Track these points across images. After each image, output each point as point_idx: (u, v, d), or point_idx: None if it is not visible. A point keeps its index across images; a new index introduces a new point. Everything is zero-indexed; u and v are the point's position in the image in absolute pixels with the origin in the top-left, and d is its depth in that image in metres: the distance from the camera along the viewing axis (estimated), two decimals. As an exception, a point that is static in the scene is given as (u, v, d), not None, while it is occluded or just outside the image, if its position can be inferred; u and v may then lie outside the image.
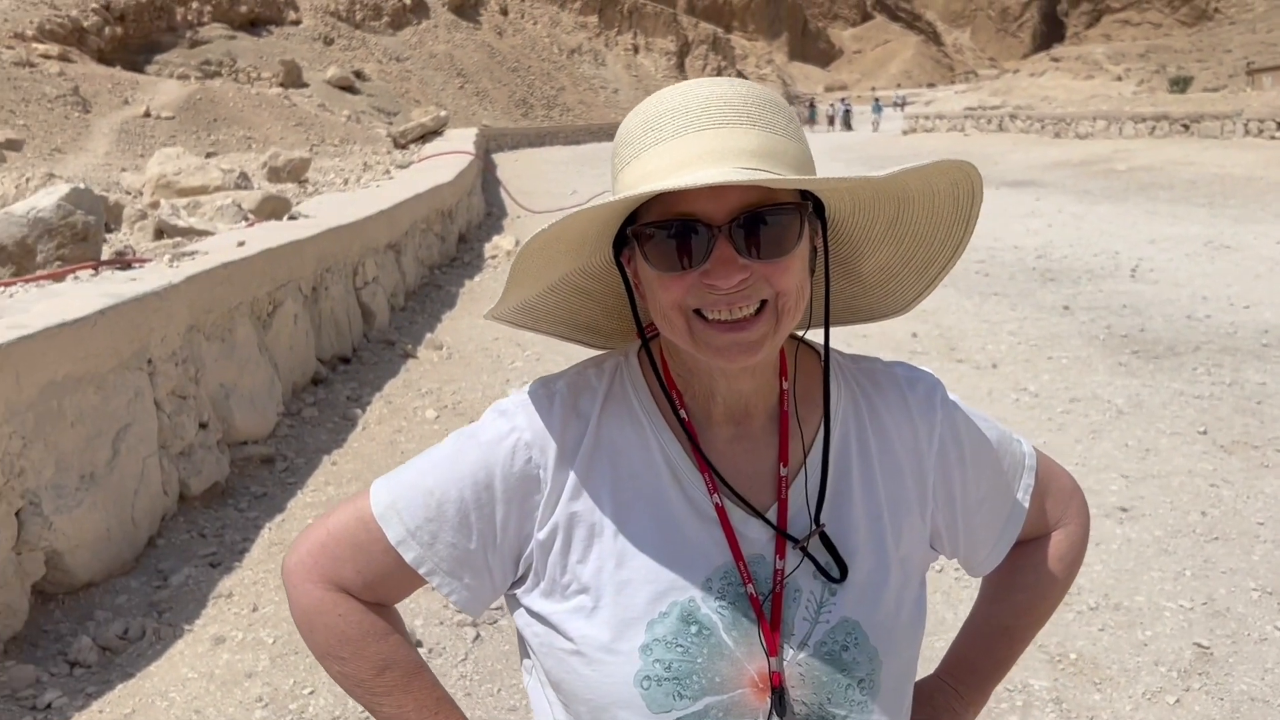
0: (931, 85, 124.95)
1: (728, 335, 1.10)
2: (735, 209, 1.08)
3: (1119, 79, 68.37)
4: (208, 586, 4.30)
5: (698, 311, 1.11)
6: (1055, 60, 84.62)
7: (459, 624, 4.02)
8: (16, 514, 3.74)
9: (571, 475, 1.20)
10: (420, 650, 3.80)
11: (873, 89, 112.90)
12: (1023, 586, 1.42)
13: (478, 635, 3.96)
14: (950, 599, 4.17)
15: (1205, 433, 6.07)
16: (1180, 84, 56.84)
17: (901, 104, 74.39)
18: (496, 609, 4.12)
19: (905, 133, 43.52)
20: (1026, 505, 1.35)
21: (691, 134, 1.09)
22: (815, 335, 1.29)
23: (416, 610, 4.10)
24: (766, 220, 1.08)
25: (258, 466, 5.61)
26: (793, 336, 1.29)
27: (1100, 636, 3.92)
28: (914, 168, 1.10)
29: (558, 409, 1.22)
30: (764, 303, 1.11)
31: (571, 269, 1.26)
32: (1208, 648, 3.80)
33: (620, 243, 1.20)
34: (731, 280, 1.08)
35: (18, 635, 3.74)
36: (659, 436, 1.22)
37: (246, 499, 5.24)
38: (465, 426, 1.25)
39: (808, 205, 1.14)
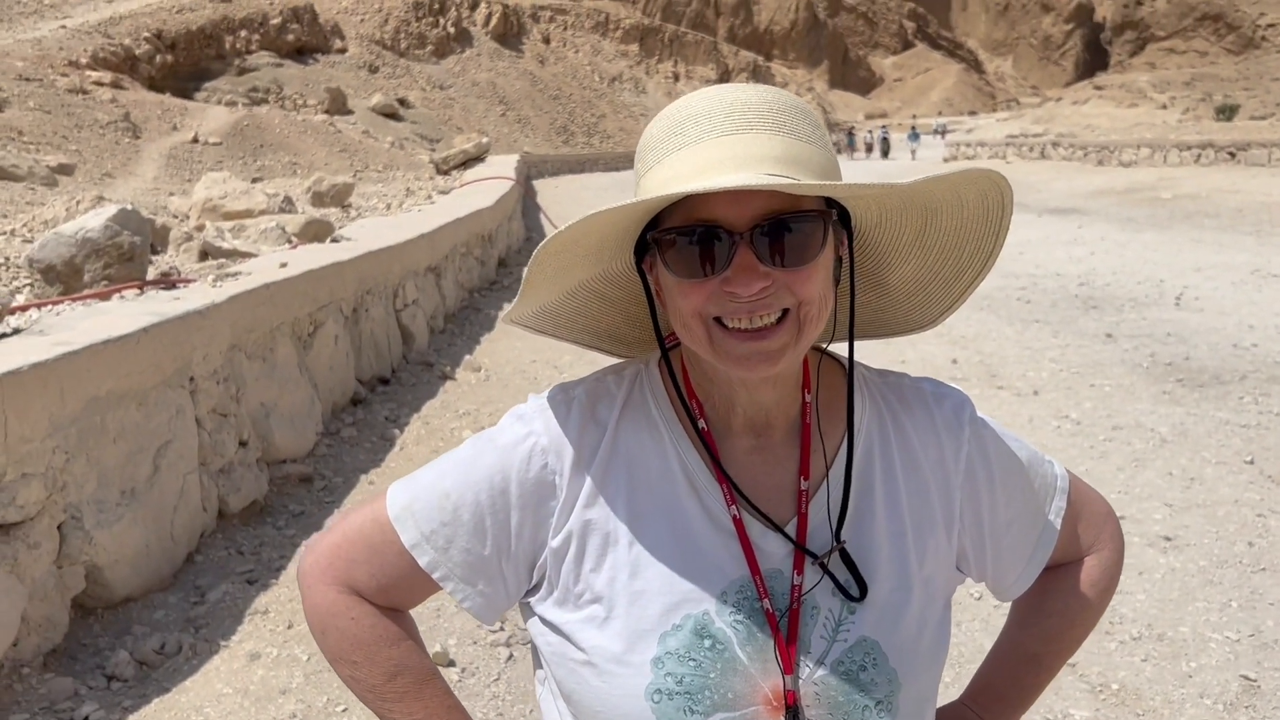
0: (973, 113, 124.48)
1: (748, 344, 1.08)
2: (757, 215, 1.06)
3: (1164, 107, 67.70)
4: (244, 603, 4.33)
5: (718, 320, 1.09)
6: (1099, 88, 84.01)
7: (492, 644, 4.02)
8: (58, 528, 3.79)
9: (587, 482, 1.18)
10: (453, 670, 3.80)
11: (913, 117, 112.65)
12: (1052, 612, 1.37)
13: (510, 655, 3.95)
14: (990, 627, 4.11)
15: (1252, 462, 5.95)
16: (1227, 112, 56.18)
17: (942, 132, 74.17)
18: (526, 628, 4.10)
19: (946, 160, 43.37)
20: (1057, 528, 1.30)
21: (715, 139, 1.07)
22: (841, 348, 1.27)
23: (450, 630, 4.10)
24: (789, 227, 1.06)
25: (296, 485, 5.65)
26: (817, 349, 1.26)
27: (1143, 667, 3.84)
28: (939, 176, 1.08)
29: (575, 415, 1.20)
30: (785, 312, 1.09)
31: (592, 274, 1.25)
32: (1255, 680, 3.71)
33: (641, 249, 1.18)
34: (752, 288, 1.06)
35: (57, 648, 3.78)
36: (677, 445, 1.20)
37: (284, 517, 5.28)
38: (484, 430, 1.24)
39: (832, 214, 1.12)
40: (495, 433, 1.22)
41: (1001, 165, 37.23)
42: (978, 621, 4.13)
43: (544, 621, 1.20)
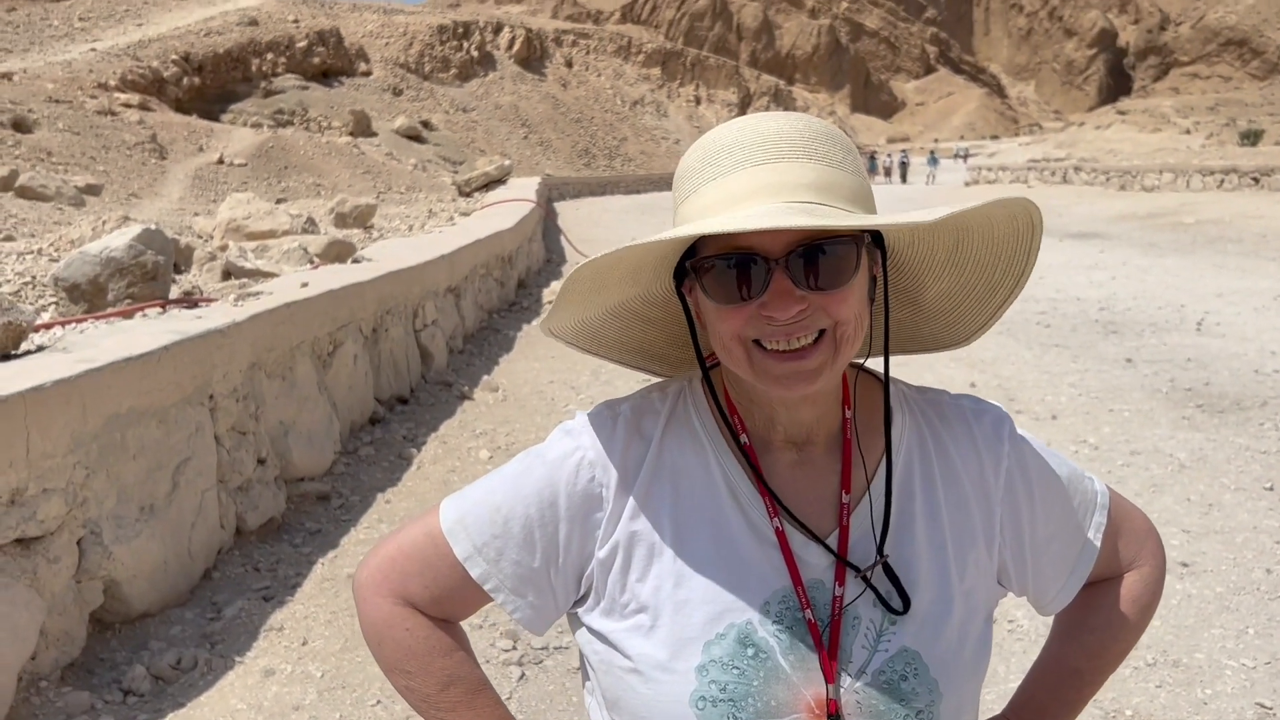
0: (995, 137, 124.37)
1: (786, 364, 1.11)
2: (792, 241, 1.09)
3: (1187, 132, 67.49)
4: (260, 619, 4.36)
5: (757, 342, 1.12)
6: (1121, 113, 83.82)
7: (504, 663, 4.03)
8: (78, 543, 3.84)
9: (633, 495, 1.21)
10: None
11: (935, 141, 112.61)
12: (1094, 628, 1.39)
13: (523, 675, 3.97)
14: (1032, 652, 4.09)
15: (1271, 489, 5.91)
16: (1251, 137, 55.93)
17: (964, 156, 74.10)
18: (541, 649, 4.12)
19: (968, 184, 43.32)
20: (1098, 544, 1.32)
21: (749, 169, 1.11)
22: (878, 364, 1.30)
23: (463, 648, 4.12)
24: (824, 251, 1.09)
25: (313, 503, 5.69)
26: (854, 365, 1.29)
27: (1158, 694, 3.81)
28: (969, 209, 1.10)
29: (621, 430, 1.24)
30: (822, 332, 1.12)
31: (631, 295, 1.29)
32: (1270, 708, 3.68)
33: (680, 273, 1.22)
34: (789, 311, 1.09)
35: (74, 662, 3.82)
36: (720, 459, 1.23)
37: (301, 535, 5.32)
38: (534, 446, 1.28)
39: (865, 237, 1.15)
40: (544, 448, 1.26)
41: (1023, 189, 37.16)
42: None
43: (591, 631, 1.24)
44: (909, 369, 8.87)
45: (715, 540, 1.20)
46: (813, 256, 1.09)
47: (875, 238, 1.18)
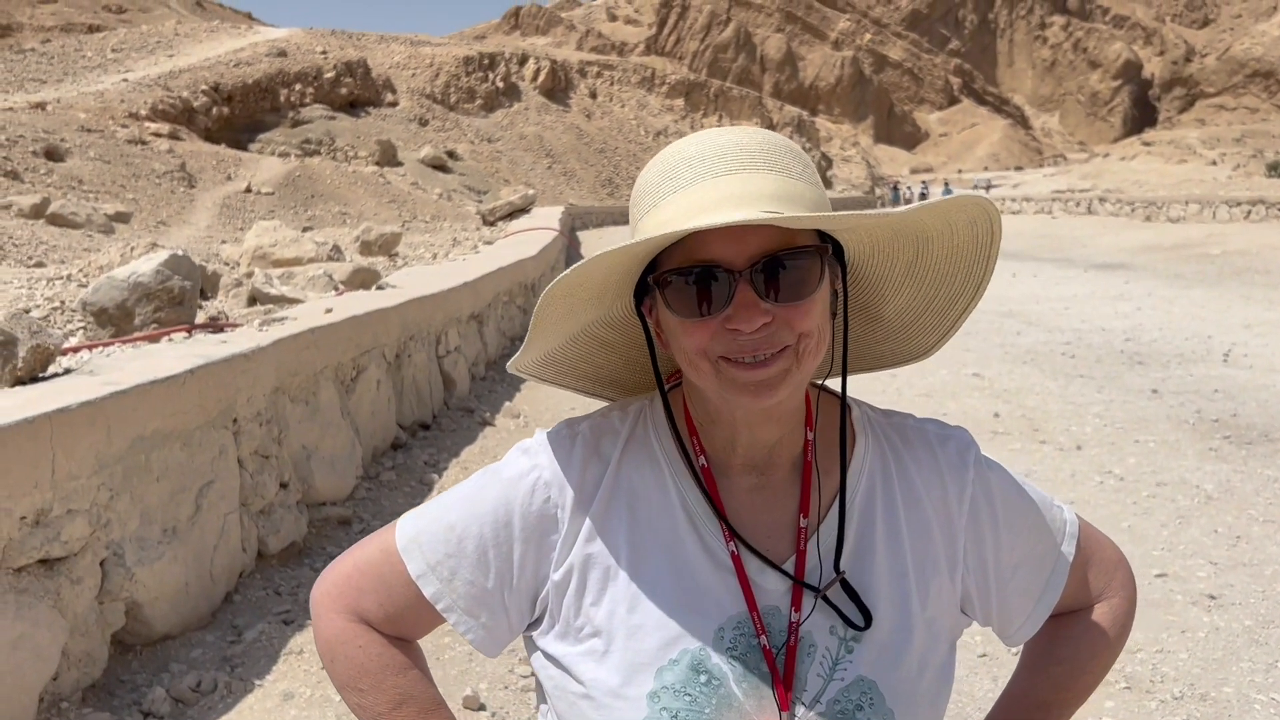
0: (1019, 168, 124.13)
1: (751, 373, 1.10)
2: (755, 254, 1.08)
3: (1214, 163, 67.15)
4: (280, 643, 4.37)
5: (723, 357, 1.11)
6: (1147, 144, 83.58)
7: (523, 689, 4.02)
8: (101, 564, 3.86)
9: (589, 516, 1.19)
10: (484, 714, 3.80)
11: (959, 171, 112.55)
12: (1062, 659, 1.36)
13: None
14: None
15: (1301, 521, 5.83)
16: (1278, 168, 55.58)
17: (986, 186, 74.01)
18: (561, 675, 4.10)
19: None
20: (1065, 574, 1.29)
21: (709, 180, 1.10)
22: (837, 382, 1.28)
23: (482, 674, 4.11)
24: (786, 264, 1.09)
25: (335, 527, 5.70)
26: (818, 386, 1.28)
27: (1185, 728, 3.75)
28: (929, 203, 1.11)
29: (579, 450, 1.22)
30: (785, 346, 1.11)
31: (593, 319, 1.27)
32: (1301, 744, 3.62)
33: (641, 292, 1.20)
34: (754, 324, 1.08)
35: (96, 683, 3.83)
36: (678, 482, 1.21)
37: (322, 559, 5.32)
38: (491, 464, 1.27)
39: (827, 248, 1.14)
40: (500, 466, 1.24)
41: (1047, 220, 37.05)
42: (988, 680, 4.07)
43: (545, 655, 1.22)
44: (932, 399, 8.83)
45: (671, 564, 1.18)
46: (775, 269, 1.08)
47: (836, 251, 1.18)
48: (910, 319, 1.30)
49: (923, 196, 57.17)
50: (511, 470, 1.22)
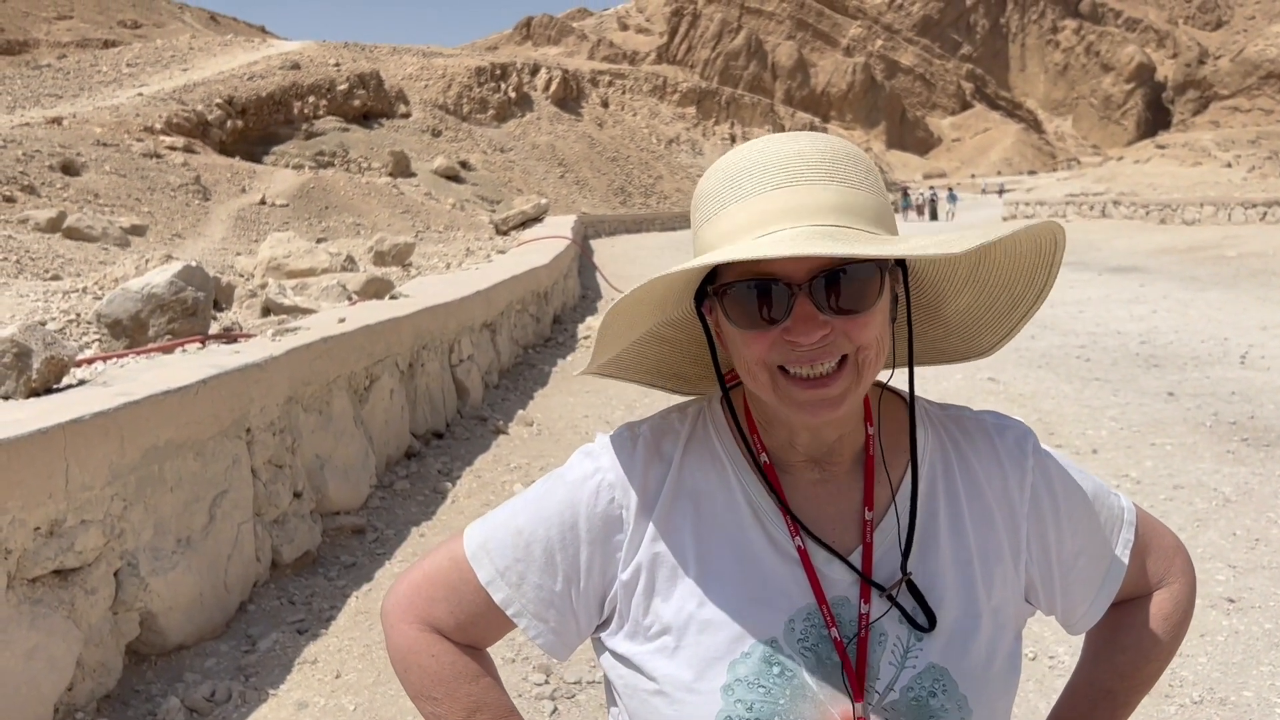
0: (1033, 172, 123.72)
1: (810, 391, 1.11)
2: (815, 267, 1.09)
3: (1228, 165, 66.74)
4: (294, 652, 4.37)
5: (781, 367, 1.12)
6: (1161, 147, 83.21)
7: (537, 698, 4.01)
8: (115, 574, 3.87)
9: (654, 516, 1.21)
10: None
11: (972, 176, 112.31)
12: (1124, 647, 1.37)
13: (555, 709, 3.94)
14: (1044, 688, 4.01)
15: (1321, 523, 5.78)
16: (1294, 170, 55.22)
17: (1000, 191, 73.88)
18: (574, 683, 4.10)
19: (1005, 219, 43.11)
20: (1126, 561, 1.30)
21: (770, 191, 1.10)
22: (901, 380, 1.29)
23: (495, 682, 4.10)
24: (846, 276, 1.09)
25: (349, 536, 5.71)
26: (877, 384, 1.28)
27: (1204, 732, 3.72)
28: (996, 238, 1.09)
29: (641, 451, 1.24)
30: (844, 357, 1.11)
31: (655, 322, 1.29)
32: (1323, 748, 3.58)
33: (701, 294, 1.22)
34: (813, 336, 1.09)
35: (110, 694, 3.84)
36: (741, 478, 1.22)
37: (336, 568, 5.33)
38: (555, 469, 1.28)
39: (888, 260, 1.14)
40: (564, 470, 1.26)
41: (1061, 224, 36.91)
42: (1031, 682, 4.04)
43: (615, 655, 1.23)
44: (945, 399, 8.78)
45: (738, 559, 1.19)
46: (835, 281, 1.09)
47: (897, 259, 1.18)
48: (971, 319, 1.31)
49: (932, 202, 57.29)
50: (575, 473, 1.24)
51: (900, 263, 1.19)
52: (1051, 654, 4.26)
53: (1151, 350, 11.85)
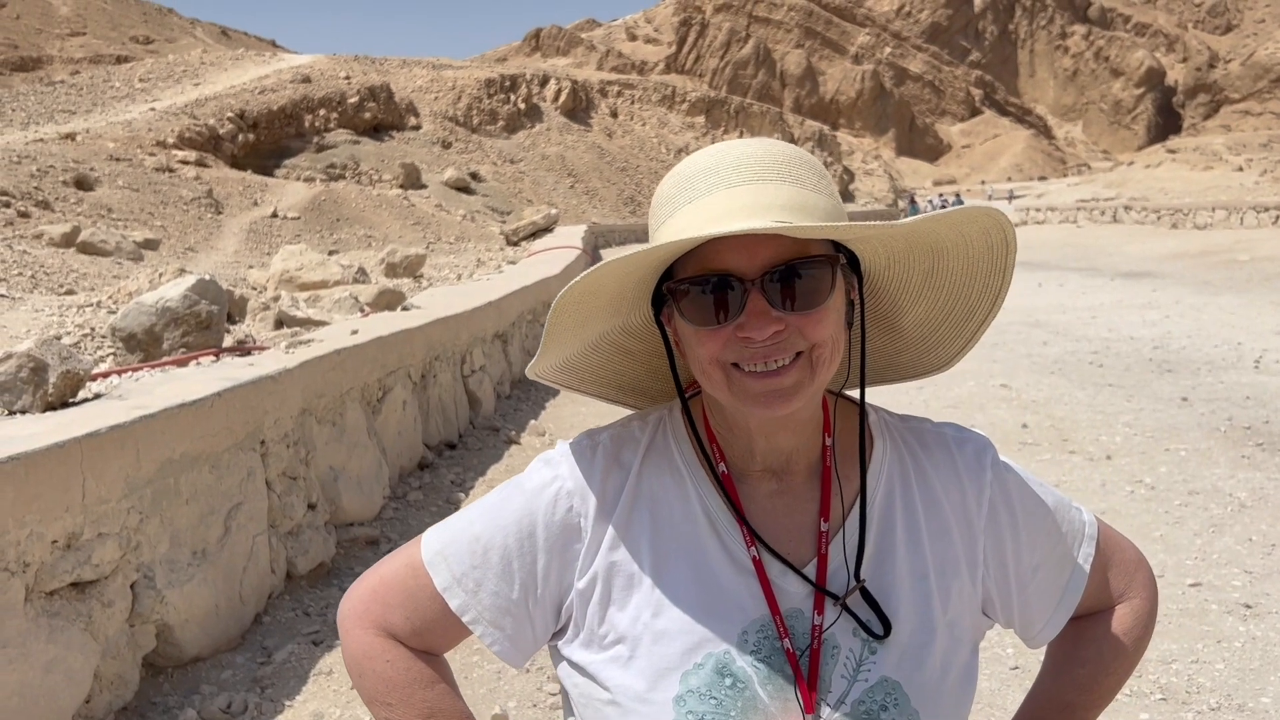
0: (1043, 178, 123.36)
1: (763, 382, 1.12)
2: (767, 263, 1.10)
3: (1240, 169, 66.47)
4: (309, 664, 4.38)
5: (735, 364, 1.13)
6: (1172, 151, 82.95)
7: (552, 706, 4.01)
8: (131, 587, 3.89)
9: (612, 524, 1.21)
10: (512, 732, 3.80)
11: (982, 182, 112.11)
12: (1085, 661, 1.36)
13: (570, 719, 3.94)
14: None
15: (1337, 528, 5.75)
16: (1306, 173, 54.91)
17: (1009, 196, 73.74)
18: (589, 692, 4.09)
19: (1016, 225, 43.00)
20: (1086, 574, 1.30)
21: (722, 190, 1.12)
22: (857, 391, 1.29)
23: (511, 692, 4.10)
24: (799, 273, 1.10)
25: (363, 547, 5.73)
26: (834, 393, 1.29)
27: (1222, 739, 3.70)
28: (937, 214, 1.11)
29: (600, 459, 1.24)
30: (799, 354, 1.12)
31: (612, 326, 1.29)
32: (1342, 754, 3.56)
33: (659, 302, 1.22)
34: (765, 332, 1.10)
35: (127, 706, 3.86)
36: (699, 488, 1.22)
37: (351, 579, 5.34)
38: (514, 476, 1.28)
39: (840, 258, 1.15)
40: (523, 478, 1.26)
41: (1073, 230, 36.81)
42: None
43: (571, 664, 1.23)
44: (962, 411, 8.78)
45: (694, 570, 1.19)
46: (789, 277, 1.10)
47: (852, 262, 1.19)
48: (928, 330, 1.31)
49: (941, 209, 57.29)
50: (534, 481, 1.24)
51: (856, 270, 1.20)
52: (1015, 665, 4.24)
53: (1165, 356, 11.81)
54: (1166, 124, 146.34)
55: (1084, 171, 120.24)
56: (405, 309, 9.13)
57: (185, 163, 29.65)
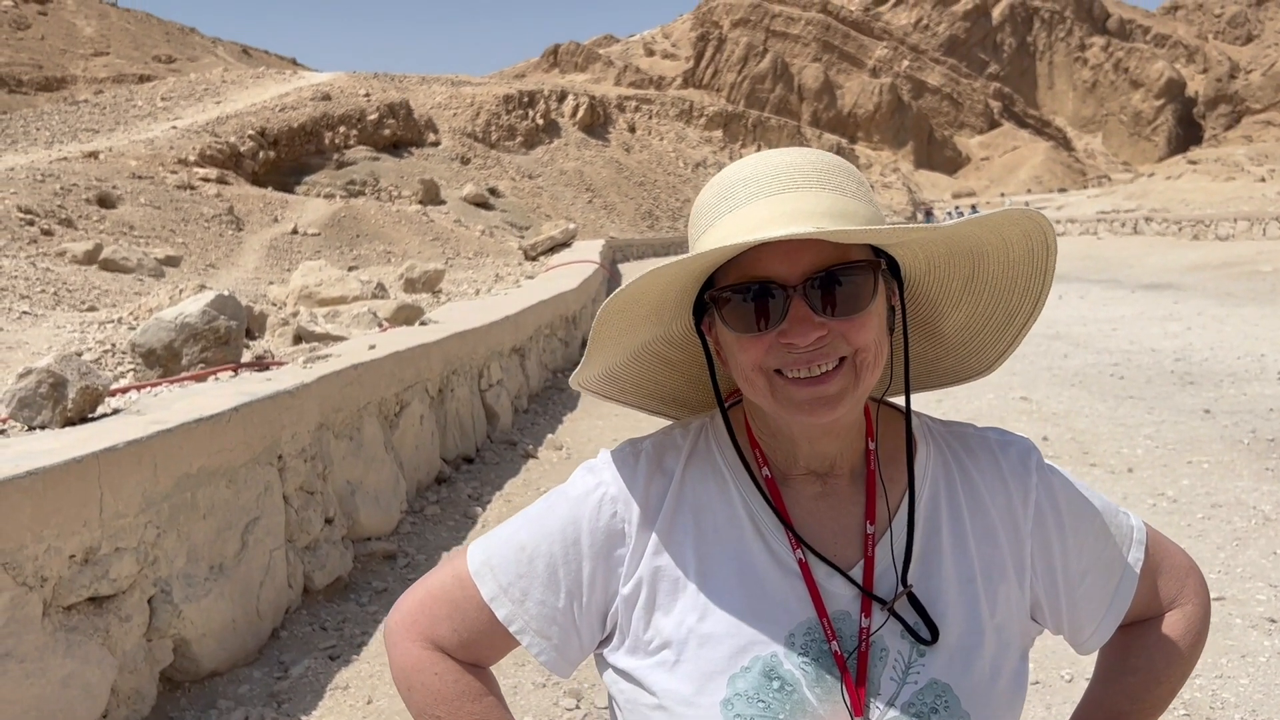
0: (1063, 190, 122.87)
1: (807, 390, 1.12)
2: (809, 269, 1.10)
3: (1262, 180, 66.04)
4: (326, 678, 4.38)
5: (778, 371, 1.13)
6: (1193, 162, 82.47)
7: (568, 722, 3.99)
8: (148, 601, 3.90)
9: (656, 530, 1.21)
10: (528, 747, 3.78)
11: (1001, 195, 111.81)
12: (1136, 669, 1.34)
13: (586, 734, 3.92)
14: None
15: (1363, 541, 5.67)
16: (1329, 183, 54.53)
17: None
18: (604, 708, 4.07)
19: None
20: (1135, 579, 1.28)
21: (763, 199, 1.12)
22: (901, 398, 1.29)
23: (526, 707, 4.09)
24: (840, 279, 1.10)
25: (380, 562, 5.73)
26: (876, 399, 1.29)
27: (1247, 755, 3.65)
28: (979, 217, 1.11)
29: (643, 465, 1.24)
30: (842, 359, 1.12)
31: (654, 336, 1.29)
32: (1370, 771, 3.50)
33: (700, 310, 1.22)
34: (808, 338, 1.10)
35: (145, 720, 3.86)
36: (742, 491, 1.22)
37: (368, 593, 5.34)
38: (558, 485, 1.28)
39: (880, 263, 1.15)
40: (567, 486, 1.27)
41: (1093, 241, 36.62)
42: (1069, 705, 3.98)
43: (617, 671, 1.23)
44: (981, 424, 8.71)
45: (739, 573, 1.19)
46: (830, 283, 1.10)
47: (892, 267, 1.19)
48: (969, 335, 1.31)
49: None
50: (578, 488, 1.25)
51: (896, 276, 1.20)
52: (1069, 677, 4.19)
53: (1187, 367, 11.72)
54: (1187, 135, 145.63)
55: (1104, 183, 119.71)
56: (423, 324, 9.16)
57: (206, 180, 29.90)
